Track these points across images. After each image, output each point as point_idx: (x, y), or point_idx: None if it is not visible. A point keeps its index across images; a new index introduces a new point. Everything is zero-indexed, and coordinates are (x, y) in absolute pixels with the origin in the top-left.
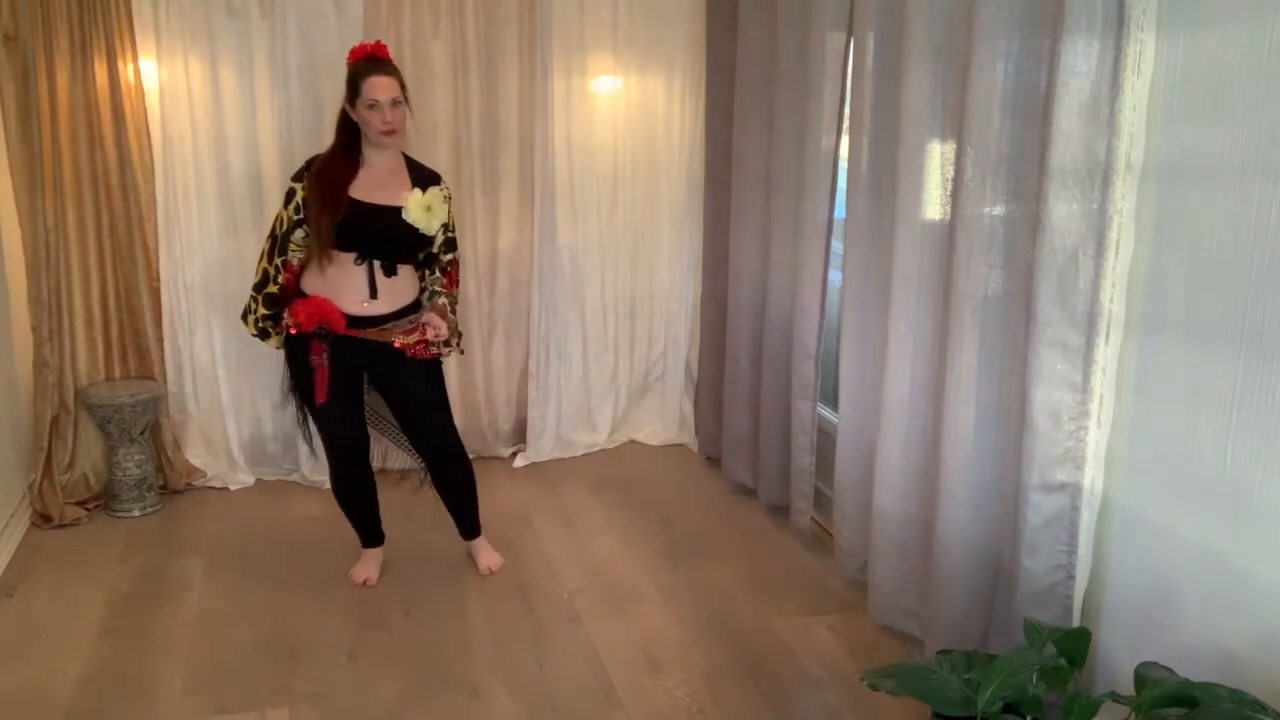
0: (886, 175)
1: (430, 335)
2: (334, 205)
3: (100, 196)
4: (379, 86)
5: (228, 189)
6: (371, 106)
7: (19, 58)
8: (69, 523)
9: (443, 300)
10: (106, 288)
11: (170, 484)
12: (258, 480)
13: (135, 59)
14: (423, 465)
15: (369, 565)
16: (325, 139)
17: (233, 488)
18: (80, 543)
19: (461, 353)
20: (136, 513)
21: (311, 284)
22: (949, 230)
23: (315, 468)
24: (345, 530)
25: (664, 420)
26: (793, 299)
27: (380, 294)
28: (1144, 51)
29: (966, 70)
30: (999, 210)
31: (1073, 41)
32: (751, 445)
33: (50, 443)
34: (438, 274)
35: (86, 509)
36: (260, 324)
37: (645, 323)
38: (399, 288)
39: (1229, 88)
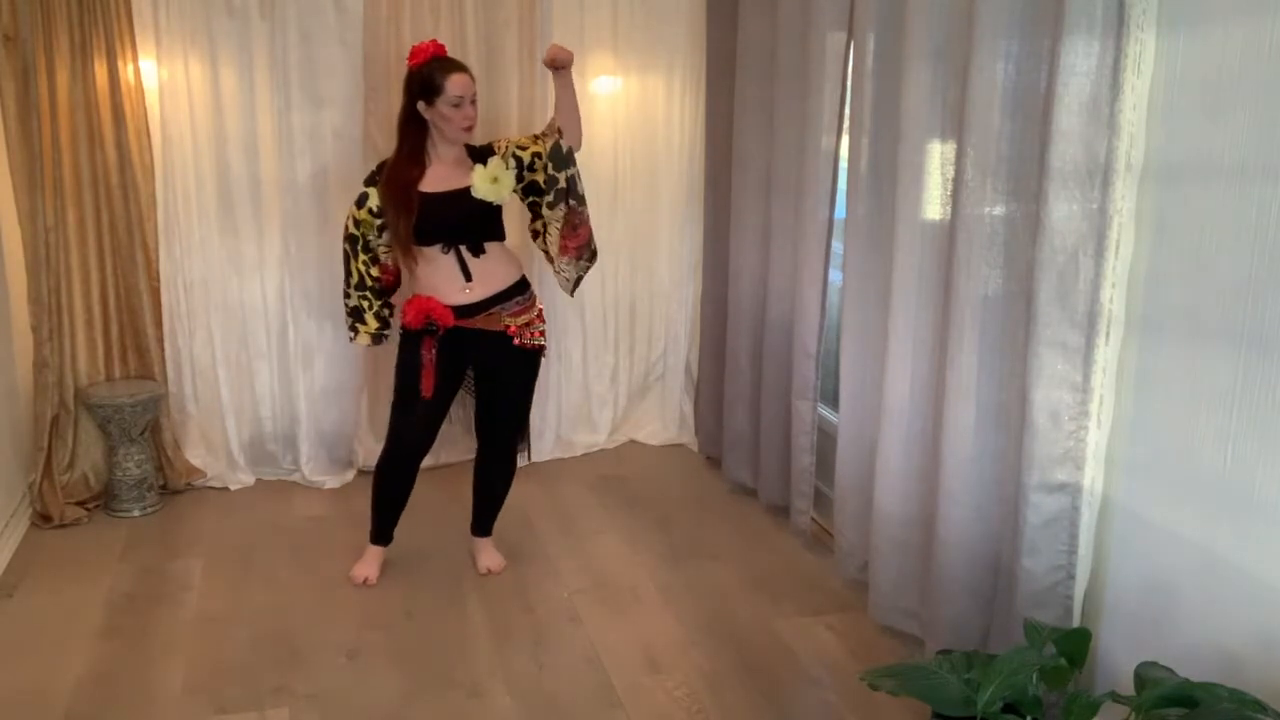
0: (886, 175)
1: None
2: (407, 206)
3: (100, 196)
4: (462, 84)
5: (228, 189)
6: (458, 104)
7: (19, 58)
8: (69, 523)
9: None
10: (106, 288)
11: (170, 484)
12: (258, 480)
13: (135, 59)
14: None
15: (370, 564)
16: (325, 139)
17: (233, 488)
18: (80, 543)
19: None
20: (136, 513)
21: (414, 285)
22: (949, 230)
23: (315, 468)
24: (345, 530)
25: (664, 420)
26: (793, 299)
27: (475, 277)
28: (1144, 51)
29: (966, 70)
30: (999, 210)
31: (1073, 41)
32: (751, 445)
33: (50, 443)
34: (561, 221)
35: (86, 509)
36: (380, 316)
37: (645, 323)
38: (494, 267)
39: (1229, 88)
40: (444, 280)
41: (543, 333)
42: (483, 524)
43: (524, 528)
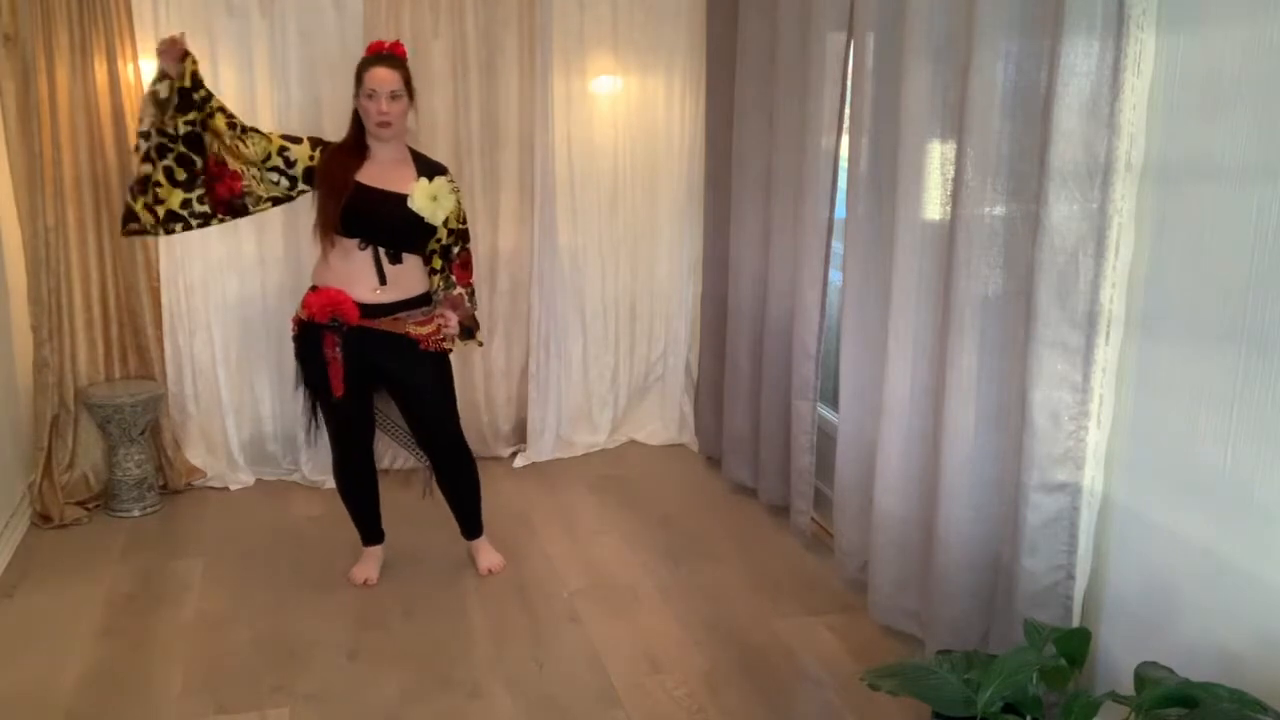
0: (886, 175)
1: (443, 328)
2: (339, 188)
3: (100, 196)
4: (377, 77)
5: None
6: (370, 96)
7: (19, 58)
8: (69, 523)
9: (458, 291)
10: (106, 288)
11: (170, 484)
12: (258, 480)
13: (135, 59)
14: (428, 465)
15: (369, 565)
16: (324, 138)
17: (233, 488)
18: (80, 543)
19: (480, 344)
20: (136, 513)
21: (320, 275)
22: (949, 230)
23: (315, 468)
24: (345, 530)
25: (664, 420)
26: (793, 299)
27: (389, 280)
28: (1144, 51)
29: (966, 70)
30: (999, 210)
31: (1073, 41)
32: (751, 445)
33: (50, 443)
34: (447, 267)
35: (86, 509)
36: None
37: (645, 323)
38: (407, 276)
39: (1229, 88)
40: (356, 276)
41: (450, 340)
42: (470, 527)
43: (524, 528)
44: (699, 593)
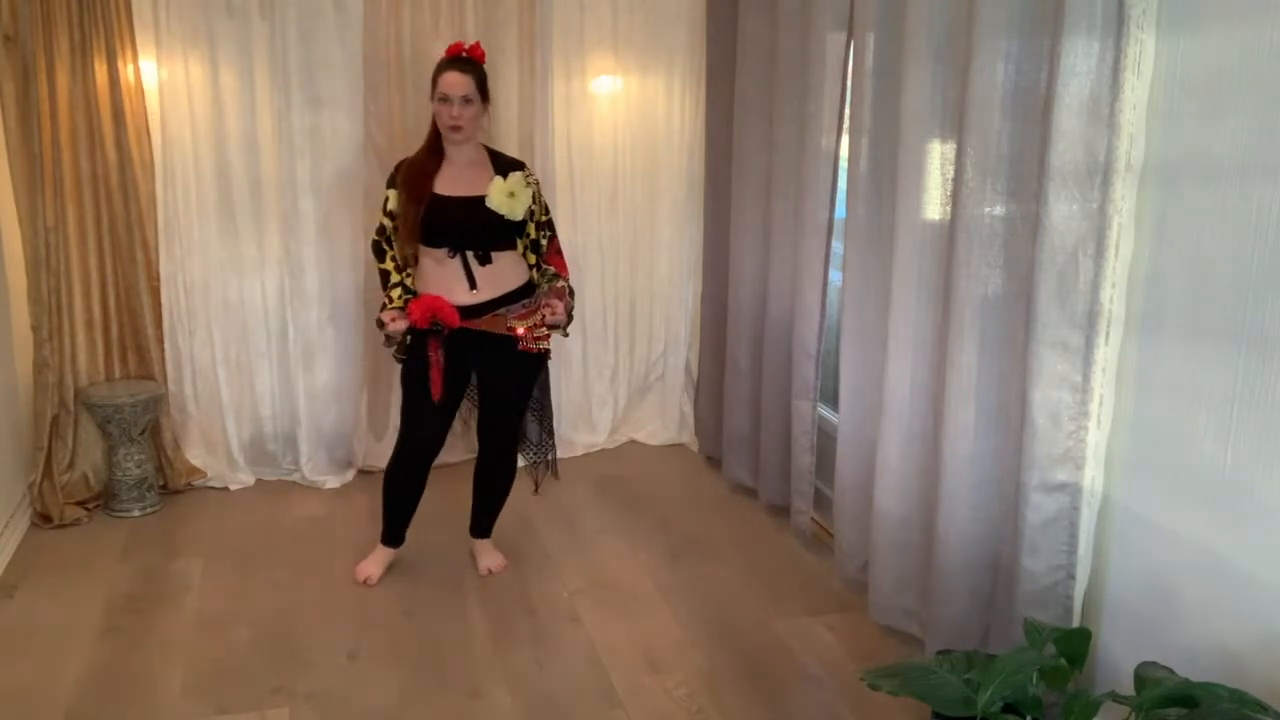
0: (886, 175)
1: (549, 317)
2: (417, 196)
3: (100, 196)
4: (449, 82)
5: (228, 189)
6: (443, 100)
7: (19, 58)
8: (69, 523)
9: (561, 283)
10: (106, 288)
11: (170, 484)
12: (258, 480)
13: (135, 59)
14: (547, 459)
15: (376, 563)
16: (325, 138)
17: (233, 488)
18: (80, 543)
19: (566, 335)
20: (136, 513)
21: (420, 282)
22: (949, 230)
23: (315, 468)
24: (345, 530)
25: (664, 420)
26: (793, 299)
27: (480, 283)
28: (1144, 51)
29: (966, 70)
30: (999, 210)
31: (1073, 41)
32: (751, 445)
33: (50, 443)
34: (540, 261)
35: (86, 509)
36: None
37: (645, 323)
38: (500, 274)
39: (1229, 88)
40: (448, 282)
41: (547, 336)
42: (482, 526)
43: (524, 528)
44: (699, 593)
